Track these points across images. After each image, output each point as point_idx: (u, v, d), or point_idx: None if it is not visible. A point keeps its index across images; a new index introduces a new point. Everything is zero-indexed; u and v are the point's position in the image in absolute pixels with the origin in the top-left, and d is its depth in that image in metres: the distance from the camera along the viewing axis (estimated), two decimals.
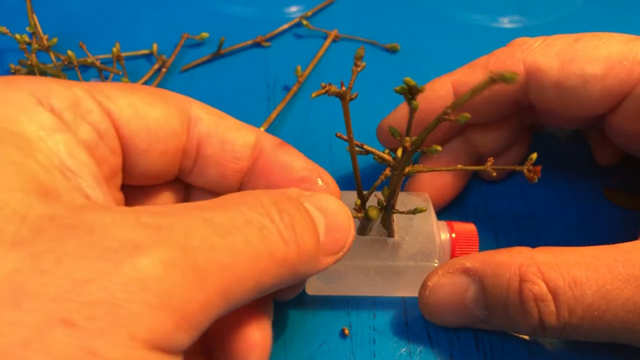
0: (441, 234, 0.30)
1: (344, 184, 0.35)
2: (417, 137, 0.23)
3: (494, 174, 0.26)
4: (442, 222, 0.31)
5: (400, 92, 0.22)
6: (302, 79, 0.42)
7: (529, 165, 0.25)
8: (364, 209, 0.27)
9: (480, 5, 0.51)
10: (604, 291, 0.23)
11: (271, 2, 0.50)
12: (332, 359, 0.28)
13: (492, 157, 0.26)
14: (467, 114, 0.20)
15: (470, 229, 0.30)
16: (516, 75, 0.17)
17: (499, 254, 0.26)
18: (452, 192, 0.34)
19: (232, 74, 0.44)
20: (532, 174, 0.25)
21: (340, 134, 0.26)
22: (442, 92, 0.31)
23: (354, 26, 0.48)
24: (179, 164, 0.25)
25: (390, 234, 0.29)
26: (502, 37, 0.48)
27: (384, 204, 0.27)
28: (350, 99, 0.24)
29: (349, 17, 0.49)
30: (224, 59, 0.45)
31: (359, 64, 0.24)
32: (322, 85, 0.23)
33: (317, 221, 0.22)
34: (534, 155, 0.25)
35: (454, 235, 0.30)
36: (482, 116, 0.32)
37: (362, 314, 0.30)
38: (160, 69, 0.43)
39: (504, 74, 0.18)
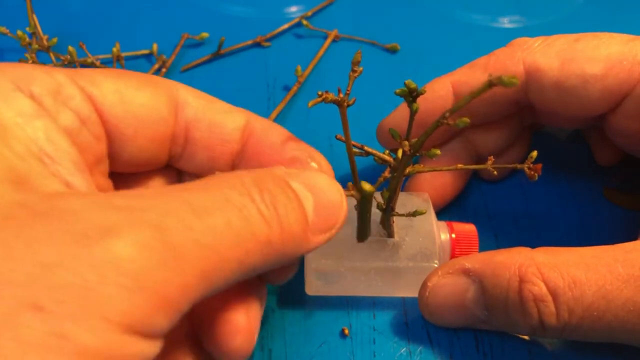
0: (441, 234, 0.30)
1: (344, 184, 0.35)
2: (416, 141, 0.23)
3: (495, 172, 0.26)
4: (442, 222, 0.31)
5: (400, 94, 0.22)
6: (302, 79, 0.42)
7: (529, 163, 0.25)
8: (357, 186, 0.26)
9: (480, 5, 0.51)
10: (603, 291, 0.23)
11: (271, 2, 0.50)
12: (332, 359, 0.28)
13: (492, 157, 0.26)
14: (466, 119, 0.20)
15: (470, 229, 0.30)
16: (515, 78, 0.17)
17: (498, 254, 0.26)
18: (452, 192, 0.34)
19: (232, 74, 0.44)
20: (532, 172, 0.25)
21: (340, 136, 0.26)
22: (442, 92, 0.31)
23: (354, 26, 0.48)
24: (168, 149, 0.25)
25: (390, 235, 0.29)
26: (502, 37, 0.47)
27: (384, 206, 0.27)
28: (348, 105, 0.23)
29: (349, 17, 0.49)
30: (224, 59, 0.45)
31: (356, 69, 0.23)
32: (319, 93, 0.23)
33: (304, 200, 0.21)
34: (534, 153, 0.25)
35: (454, 235, 0.30)
36: (482, 116, 0.32)
37: (362, 314, 0.30)
38: (160, 69, 0.43)
39: (502, 77, 0.17)
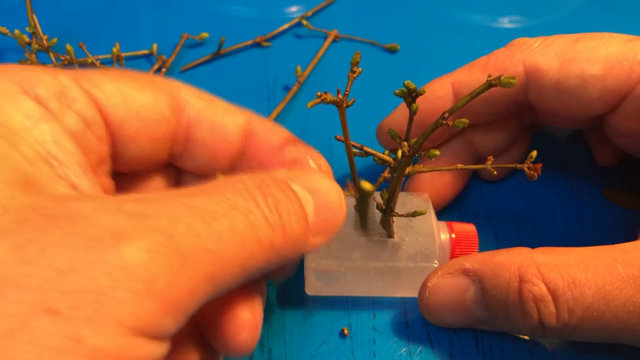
0: (441, 234, 0.30)
1: (344, 184, 0.35)
2: (415, 142, 0.23)
3: (495, 172, 0.26)
4: (442, 222, 0.31)
5: (400, 95, 0.22)
6: (302, 79, 0.42)
7: (529, 163, 0.25)
8: (356, 187, 0.26)
9: (480, 5, 0.51)
10: (603, 292, 0.23)
11: (271, 2, 0.50)
12: (332, 359, 0.28)
13: (492, 157, 0.26)
14: (464, 120, 0.20)
15: (470, 229, 0.30)
16: (514, 79, 0.17)
17: (498, 254, 0.26)
18: (452, 192, 0.34)
19: (232, 74, 0.44)
20: (532, 172, 0.25)
21: (339, 137, 0.26)
22: (442, 92, 0.31)
23: (354, 26, 0.48)
24: (169, 149, 0.25)
25: (389, 235, 0.29)
26: (502, 37, 0.47)
27: (384, 206, 0.27)
28: (347, 106, 0.23)
29: (349, 17, 0.49)
30: (224, 59, 0.45)
31: (355, 69, 0.23)
32: (318, 94, 0.23)
33: (305, 202, 0.21)
34: (534, 153, 0.25)
35: (453, 235, 0.30)
36: (482, 117, 0.32)
37: (362, 314, 0.30)
38: (160, 69, 0.43)
39: (501, 78, 0.18)
